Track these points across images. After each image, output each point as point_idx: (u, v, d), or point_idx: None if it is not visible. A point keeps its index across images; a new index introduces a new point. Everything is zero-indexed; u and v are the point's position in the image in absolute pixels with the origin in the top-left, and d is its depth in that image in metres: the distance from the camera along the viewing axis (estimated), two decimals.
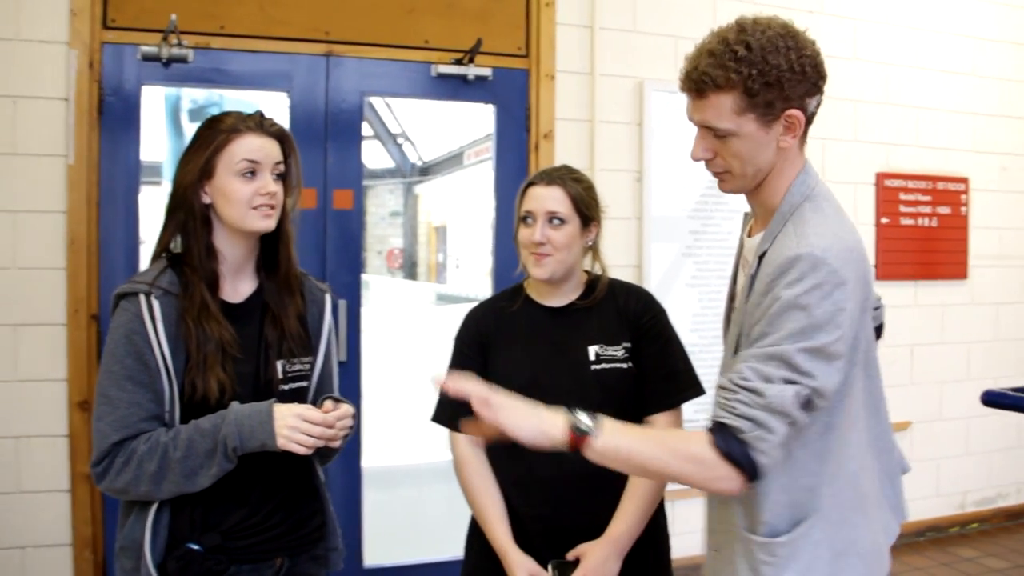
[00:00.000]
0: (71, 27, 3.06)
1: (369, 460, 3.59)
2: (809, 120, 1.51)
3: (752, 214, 1.66)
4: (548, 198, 1.96)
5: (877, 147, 4.42)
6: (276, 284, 1.79)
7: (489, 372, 1.98)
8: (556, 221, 1.95)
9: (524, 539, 1.94)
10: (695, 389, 2.00)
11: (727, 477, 1.37)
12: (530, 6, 3.72)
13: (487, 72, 3.63)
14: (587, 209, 1.98)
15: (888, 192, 4.41)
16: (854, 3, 4.36)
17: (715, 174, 1.55)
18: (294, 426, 1.59)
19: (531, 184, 2.00)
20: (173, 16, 3.05)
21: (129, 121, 3.18)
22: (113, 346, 1.63)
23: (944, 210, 4.57)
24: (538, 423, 1.42)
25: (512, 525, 1.96)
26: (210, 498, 1.65)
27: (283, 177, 1.75)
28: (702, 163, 1.56)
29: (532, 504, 1.95)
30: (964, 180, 4.63)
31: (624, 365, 1.97)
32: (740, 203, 4.03)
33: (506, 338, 2.02)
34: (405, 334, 6.51)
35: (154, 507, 1.63)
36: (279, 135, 1.74)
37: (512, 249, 3.67)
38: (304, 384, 1.80)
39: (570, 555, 1.90)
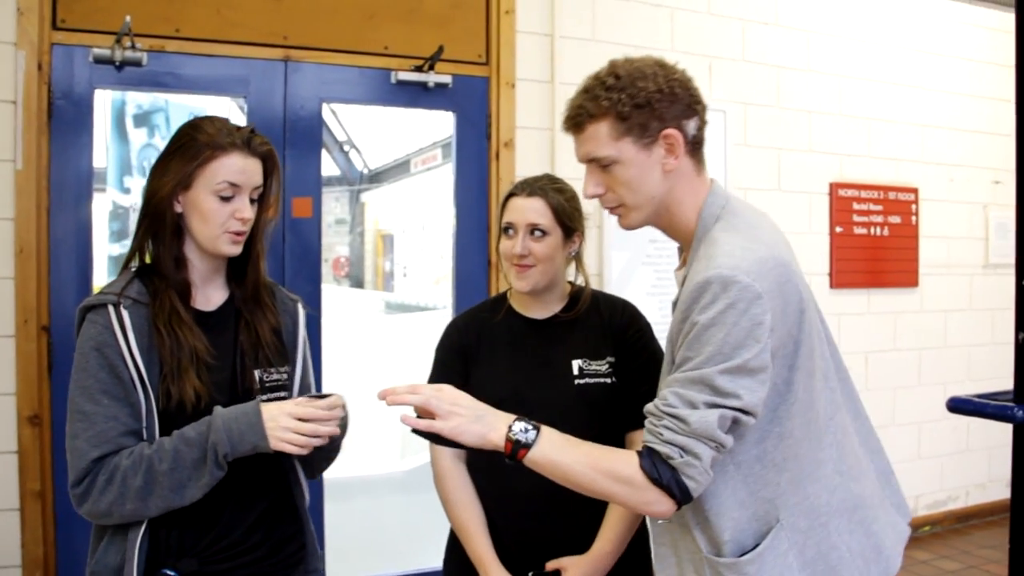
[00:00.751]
0: (18, 27, 2.95)
1: (328, 472, 3.52)
2: (695, 143, 1.54)
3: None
4: (529, 210, 1.92)
5: (831, 157, 4.49)
6: (246, 295, 1.74)
7: (471, 384, 1.95)
8: (538, 233, 1.92)
9: (503, 553, 1.91)
10: None
11: (657, 501, 1.40)
12: (490, 14, 3.70)
13: (447, 79, 3.60)
14: (569, 220, 1.95)
15: (841, 201, 4.48)
16: (808, 16, 4.43)
17: (611, 210, 1.57)
18: (286, 425, 1.52)
19: (512, 195, 1.97)
20: (127, 18, 2.96)
21: (80, 125, 3.07)
22: (84, 360, 1.57)
23: (895, 219, 4.66)
24: (480, 430, 1.46)
25: (491, 538, 1.93)
26: (186, 519, 1.58)
27: (260, 197, 1.69)
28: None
29: (511, 518, 1.92)
30: (914, 190, 4.73)
31: (608, 380, 1.95)
32: None
33: (488, 350, 1.99)
34: (357, 343, 6.44)
35: (135, 528, 1.55)
36: (265, 156, 1.68)
37: (472, 258, 3.71)
38: (283, 395, 1.74)
39: (550, 566, 1.88)
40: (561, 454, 1.45)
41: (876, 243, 4.61)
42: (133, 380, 1.55)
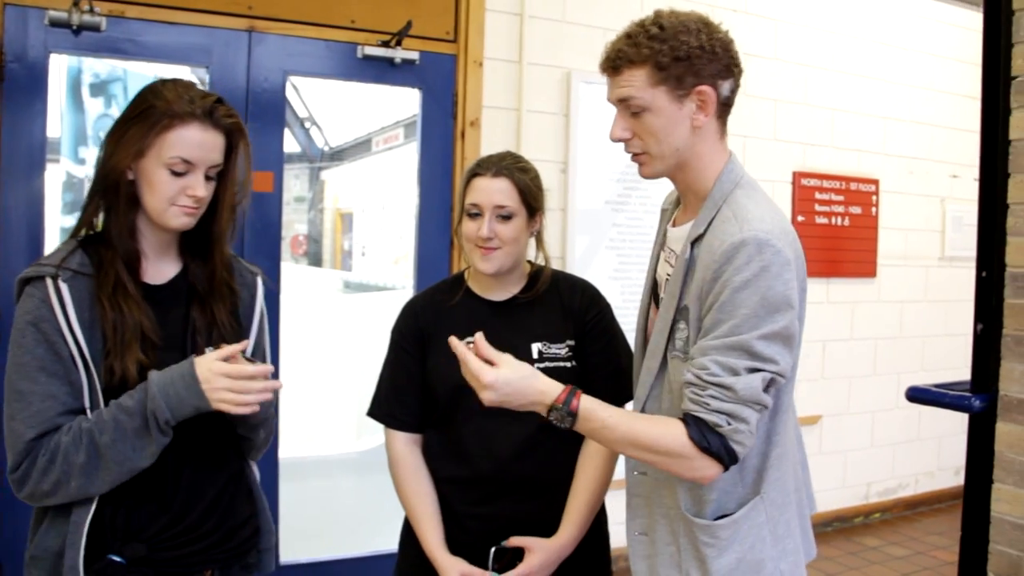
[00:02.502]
0: None
1: (283, 451, 3.48)
2: (726, 105, 1.56)
3: (681, 202, 1.70)
4: (495, 191, 1.86)
5: (794, 146, 4.52)
6: (204, 271, 1.65)
7: (427, 368, 1.92)
8: (504, 215, 1.86)
9: (462, 536, 1.89)
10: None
11: (705, 467, 1.42)
12: None
13: (414, 56, 3.54)
14: (534, 200, 1.91)
15: (804, 191, 4.51)
16: (775, 4, 4.44)
17: (634, 157, 1.58)
18: (222, 386, 1.45)
19: (476, 175, 1.90)
20: None
21: (34, 91, 2.97)
22: (20, 336, 1.48)
23: (856, 210, 4.70)
24: (528, 405, 1.50)
25: (448, 522, 1.91)
26: (132, 501, 1.52)
27: (221, 175, 1.57)
28: (624, 154, 1.59)
29: (469, 502, 1.89)
30: (875, 181, 4.79)
31: (567, 364, 1.91)
32: (662, 197, 4.16)
33: (445, 333, 1.93)
34: (314, 322, 6.38)
35: (80, 509, 1.48)
36: (230, 130, 1.56)
37: (435, 237, 3.67)
38: None
39: (514, 541, 1.85)
40: (601, 436, 1.49)
41: (837, 233, 4.65)
42: (73, 356, 1.47)
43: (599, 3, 3.92)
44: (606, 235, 3.98)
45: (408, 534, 1.99)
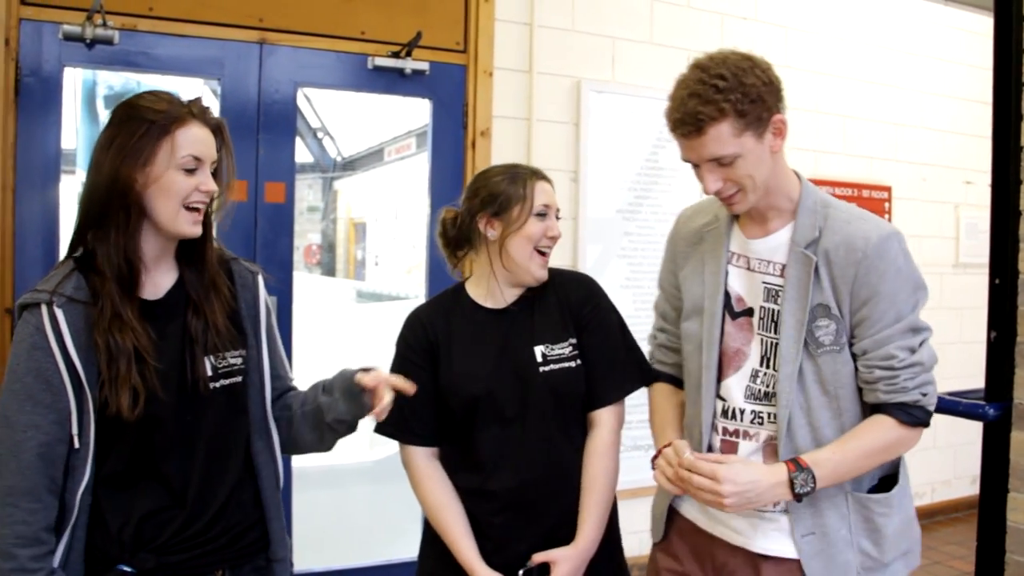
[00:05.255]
0: None
1: (296, 460, 3.48)
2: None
3: (740, 218, 1.77)
4: (552, 193, 1.97)
5: (806, 153, 4.50)
6: (199, 277, 1.66)
7: (441, 381, 1.92)
8: (558, 217, 1.98)
9: (483, 545, 1.89)
10: (641, 377, 1.98)
11: (915, 437, 1.67)
12: (469, 1, 3.67)
13: (424, 66, 3.56)
14: None
15: None
16: (786, 11, 4.43)
17: (727, 198, 1.66)
18: None
19: (538, 178, 1.96)
20: None
21: (49, 104, 3.00)
22: (15, 362, 1.49)
23: None
24: (769, 498, 1.62)
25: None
26: (142, 515, 1.53)
27: (214, 172, 1.62)
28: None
29: (489, 512, 1.89)
30: (887, 188, 4.76)
31: (572, 363, 1.91)
32: (673, 205, 4.14)
33: (455, 344, 1.94)
34: (327, 332, 6.38)
35: (64, 535, 1.51)
36: (217, 126, 1.61)
37: None
38: (238, 380, 1.67)
39: (538, 558, 1.85)
40: (837, 474, 1.62)
41: None
42: (65, 384, 1.48)
43: (608, 12, 3.93)
44: (617, 244, 3.98)
45: (428, 542, 1.99)
